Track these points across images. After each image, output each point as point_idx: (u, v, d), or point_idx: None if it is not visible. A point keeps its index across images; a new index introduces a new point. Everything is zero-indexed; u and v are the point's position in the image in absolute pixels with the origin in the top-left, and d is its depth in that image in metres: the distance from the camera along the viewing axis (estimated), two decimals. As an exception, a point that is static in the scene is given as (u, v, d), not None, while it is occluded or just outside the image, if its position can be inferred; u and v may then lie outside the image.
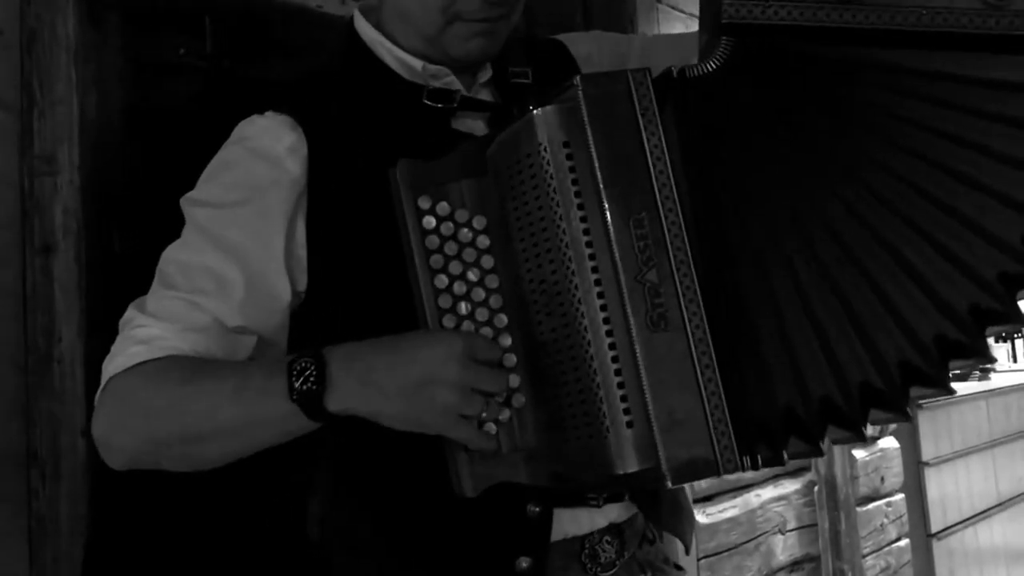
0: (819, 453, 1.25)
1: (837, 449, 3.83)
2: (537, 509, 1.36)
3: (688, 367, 1.16)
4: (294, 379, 1.21)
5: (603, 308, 1.16)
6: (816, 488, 3.78)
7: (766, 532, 3.47)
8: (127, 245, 1.88)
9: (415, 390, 1.19)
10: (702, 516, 3.12)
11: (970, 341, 1.26)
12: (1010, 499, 5.55)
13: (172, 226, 1.40)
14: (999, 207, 1.26)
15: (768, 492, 3.51)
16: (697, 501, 3.11)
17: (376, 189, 1.29)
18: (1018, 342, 7.35)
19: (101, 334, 1.81)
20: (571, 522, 1.40)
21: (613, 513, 1.44)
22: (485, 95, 1.50)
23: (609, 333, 1.17)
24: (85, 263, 1.84)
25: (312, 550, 1.49)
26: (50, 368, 1.84)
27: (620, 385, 1.16)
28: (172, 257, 1.37)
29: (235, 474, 1.96)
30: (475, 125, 1.46)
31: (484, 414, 1.22)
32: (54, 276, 1.85)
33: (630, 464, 1.16)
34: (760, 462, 1.21)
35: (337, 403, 1.21)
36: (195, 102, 2.03)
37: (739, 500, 3.33)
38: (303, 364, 1.21)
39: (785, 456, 1.23)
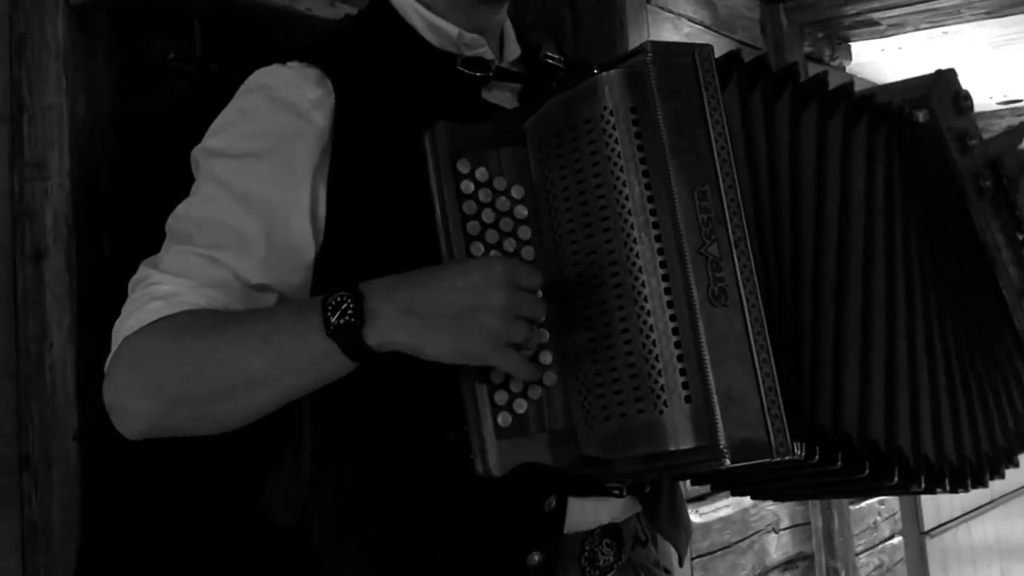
0: (860, 471, 1.24)
1: (829, 448, 3.83)
2: (554, 503, 1.31)
3: (745, 346, 1.12)
4: (330, 314, 1.14)
5: (665, 278, 1.12)
6: (809, 487, 3.78)
7: (759, 531, 3.48)
8: (117, 248, 1.88)
9: (459, 317, 1.12)
10: (695, 515, 3.12)
11: None
12: (1003, 496, 5.56)
13: (161, 228, 1.35)
14: None
15: (761, 491, 3.51)
16: (690, 500, 3.11)
17: (404, 152, 1.25)
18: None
19: (92, 339, 1.82)
20: (579, 514, 1.35)
21: (615, 509, 1.41)
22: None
23: (670, 304, 1.12)
24: (76, 268, 1.84)
25: (288, 541, 1.43)
26: (42, 373, 1.84)
27: (679, 359, 1.11)
28: (185, 213, 1.30)
29: (228, 476, 1.96)
30: (503, 98, 1.43)
31: (529, 343, 1.16)
32: (45, 281, 1.85)
33: (685, 440, 1.11)
34: (817, 453, 1.18)
35: (378, 336, 1.14)
36: (184, 105, 2.03)
37: (732, 499, 3.33)
38: (339, 299, 1.15)
39: (838, 460, 1.21)
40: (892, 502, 4.29)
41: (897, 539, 4.30)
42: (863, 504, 4.03)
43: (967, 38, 5.39)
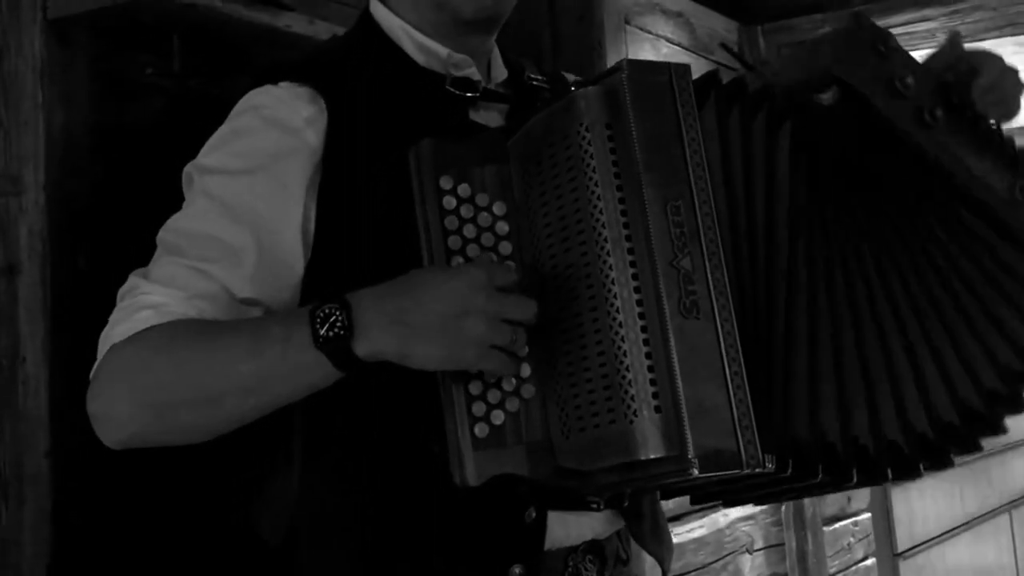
0: (849, 479, 1.27)
1: (804, 468, 3.84)
2: (535, 515, 1.32)
3: (717, 358, 1.14)
4: (318, 326, 1.16)
5: (637, 291, 1.15)
6: (783, 507, 3.79)
7: (734, 552, 3.48)
8: (93, 264, 1.87)
9: (445, 324, 1.15)
10: (670, 536, 3.12)
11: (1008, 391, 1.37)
12: (976, 518, 5.57)
13: (138, 244, 1.37)
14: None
15: (736, 511, 3.51)
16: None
17: (392, 169, 1.27)
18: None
19: (66, 355, 1.81)
20: (561, 529, 1.36)
21: (598, 525, 1.41)
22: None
23: (641, 316, 1.14)
24: (50, 283, 1.83)
25: (272, 555, 1.44)
26: (15, 389, 1.83)
27: (650, 369, 1.13)
28: (176, 226, 1.32)
29: (201, 493, 1.96)
30: (491, 118, 1.45)
31: (514, 345, 1.18)
32: (19, 297, 1.84)
33: (654, 449, 1.12)
34: (790, 467, 1.20)
35: (367, 347, 1.16)
36: (161, 121, 2.02)
37: (706, 520, 3.33)
38: (328, 310, 1.17)
39: (820, 473, 1.24)
40: (866, 523, 4.29)
41: (871, 560, 4.31)
42: (837, 525, 4.04)
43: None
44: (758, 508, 3.65)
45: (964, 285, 1.39)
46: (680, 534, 3.19)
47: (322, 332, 1.16)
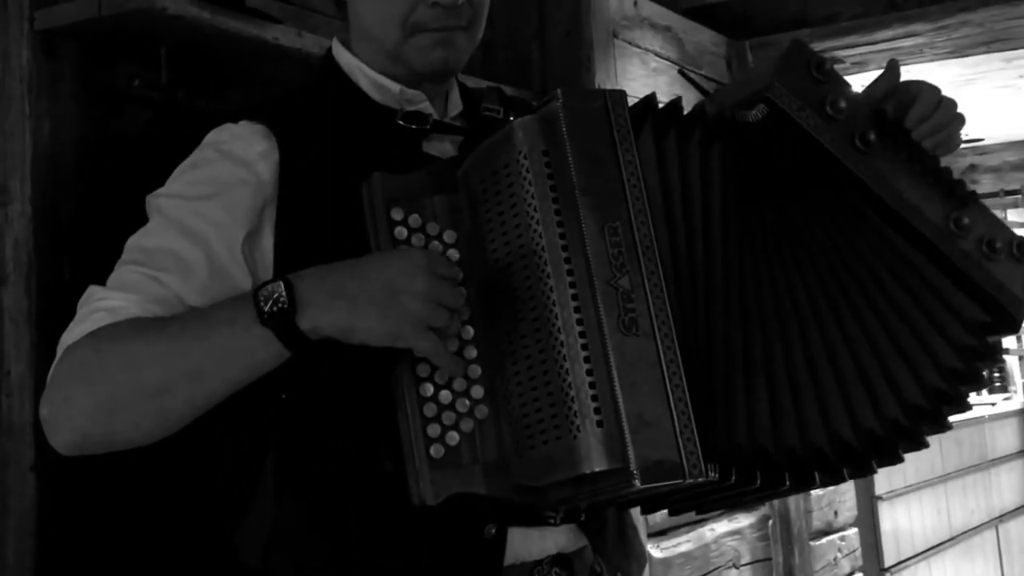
0: (782, 484, 1.31)
1: (791, 483, 3.84)
2: (494, 530, 1.35)
3: (657, 373, 1.19)
4: (263, 304, 1.22)
5: (577, 311, 1.19)
6: (770, 522, 3.79)
7: (720, 567, 3.47)
8: (78, 275, 1.86)
9: (385, 300, 1.21)
10: (656, 551, 3.11)
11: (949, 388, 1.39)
12: (962, 533, 5.59)
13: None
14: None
15: (722, 526, 3.51)
16: (651, 535, 3.11)
17: (346, 203, 1.32)
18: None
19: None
20: (522, 544, 1.40)
21: (563, 539, 1.44)
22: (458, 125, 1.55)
23: (582, 335, 1.19)
24: (36, 295, 1.83)
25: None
26: (-1, 401, 1.82)
27: (591, 385, 1.18)
28: (134, 243, 1.37)
29: (184, 504, 1.95)
30: (445, 150, 1.50)
31: (449, 329, 1.24)
32: (4, 308, 1.83)
33: (598, 462, 1.16)
34: (732, 476, 1.24)
35: (310, 321, 1.22)
36: (148, 133, 2.02)
37: (693, 534, 3.33)
38: (270, 288, 1.22)
39: (758, 479, 1.27)
40: (853, 538, 4.29)
41: (858, 575, 4.31)
42: (824, 540, 4.04)
43: (929, 77, 5.43)
44: (745, 523, 3.64)
45: (893, 309, 1.41)
46: (667, 549, 3.19)
47: (266, 309, 1.21)
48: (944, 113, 1.50)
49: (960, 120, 1.53)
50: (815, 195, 1.43)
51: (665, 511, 1.48)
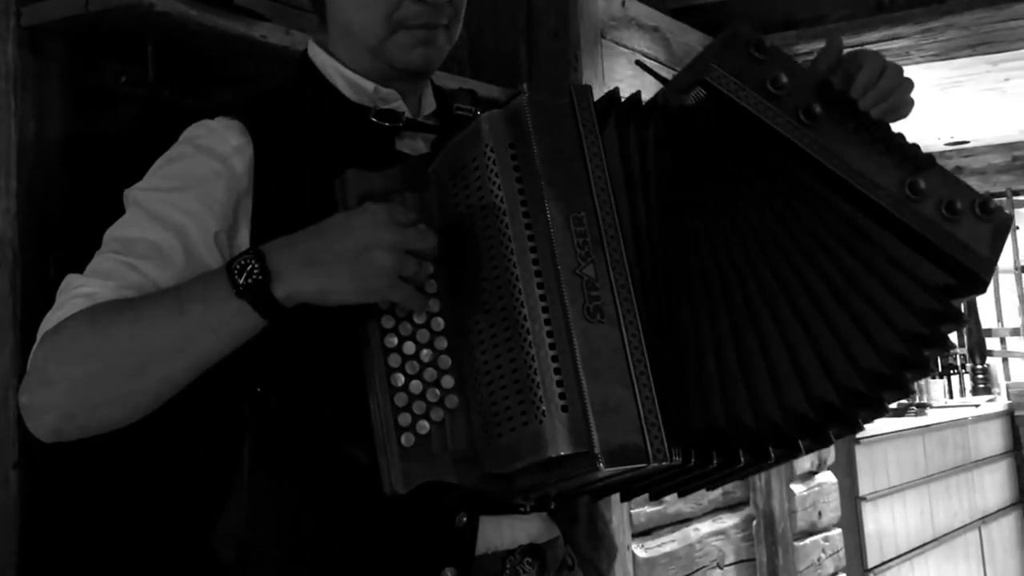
0: (737, 462, 1.31)
1: (775, 483, 3.85)
2: (465, 519, 1.38)
3: (621, 359, 1.22)
4: (236, 276, 1.25)
5: (542, 298, 1.22)
6: (754, 522, 3.80)
7: (704, 567, 3.48)
8: (64, 273, 1.86)
9: (355, 258, 1.23)
10: (640, 550, 3.12)
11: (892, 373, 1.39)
12: (946, 534, 5.60)
13: None
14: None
15: (707, 526, 3.52)
16: (636, 535, 3.11)
17: (320, 198, 1.34)
18: (954, 378, 7.42)
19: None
20: (494, 533, 1.42)
21: (534, 530, 1.47)
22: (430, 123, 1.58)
23: (547, 321, 1.21)
24: (20, 293, 1.82)
25: (223, 571, 1.47)
26: (-18, 400, 1.81)
27: (556, 371, 1.20)
28: (112, 235, 1.39)
29: (170, 500, 1.94)
30: (418, 148, 1.53)
31: (418, 275, 1.26)
32: (-12, 305, 1.82)
33: (563, 446, 1.19)
34: (692, 459, 1.26)
35: (284, 288, 1.25)
36: (134, 130, 2.01)
37: (677, 534, 3.34)
38: (243, 261, 1.26)
39: (714, 460, 1.29)
40: (837, 539, 4.30)
41: (841, 576, 4.32)
42: (808, 541, 4.05)
43: (916, 79, 5.45)
44: (730, 523, 3.65)
45: (846, 279, 1.41)
46: (651, 548, 3.19)
47: (241, 281, 1.25)
48: (890, 79, 1.50)
49: (908, 85, 1.53)
50: (764, 173, 1.44)
51: (649, 510, 1.48)
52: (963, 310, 1.47)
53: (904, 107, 1.53)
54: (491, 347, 1.26)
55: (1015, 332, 7.64)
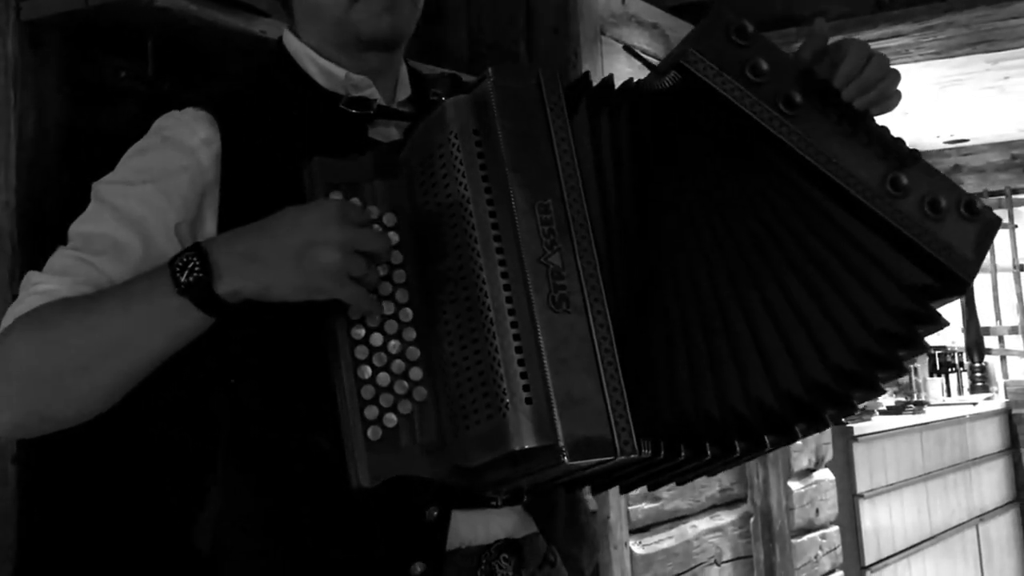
0: (704, 455, 1.28)
1: (773, 480, 3.85)
2: (435, 513, 1.36)
3: (588, 349, 1.18)
4: (178, 274, 1.22)
5: (506, 288, 1.19)
6: (752, 519, 3.80)
7: (702, 563, 3.48)
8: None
9: (300, 255, 1.20)
10: (638, 547, 3.12)
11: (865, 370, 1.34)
12: (943, 532, 5.61)
13: None
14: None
15: (704, 523, 3.52)
16: (633, 532, 3.11)
17: (289, 189, 1.30)
18: (952, 376, 7.43)
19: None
20: (468, 528, 1.41)
21: (509, 524, 1.45)
22: (404, 111, 1.54)
23: (512, 312, 1.18)
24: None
25: (202, 564, 1.46)
26: (-19, 393, 1.81)
27: (520, 363, 1.17)
28: (74, 230, 1.38)
29: (166, 493, 1.95)
30: (390, 135, 1.50)
31: (368, 276, 1.23)
32: (-13, 299, 1.83)
33: (527, 439, 1.15)
34: (661, 451, 1.23)
35: (227, 285, 1.22)
36: (133, 124, 2.01)
37: (675, 531, 3.34)
38: (185, 258, 1.23)
39: (682, 453, 1.26)
40: (834, 536, 4.31)
41: (838, 573, 4.32)
42: (805, 538, 4.05)
43: (915, 78, 5.46)
44: (727, 520, 3.65)
45: (821, 274, 1.37)
46: (648, 545, 3.19)
47: (182, 279, 1.22)
48: (875, 70, 1.43)
49: (894, 77, 1.46)
50: (740, 162, 1.40)
51: (647, 507, 1.46)
52: (963, 309, 1.42)
53: (890, 99, 1.46)
54: (457, 339, 1.23)
55: (1013, 330, 7.65)
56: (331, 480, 1.29)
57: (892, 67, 1.45)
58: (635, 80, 1.43)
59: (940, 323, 1.38)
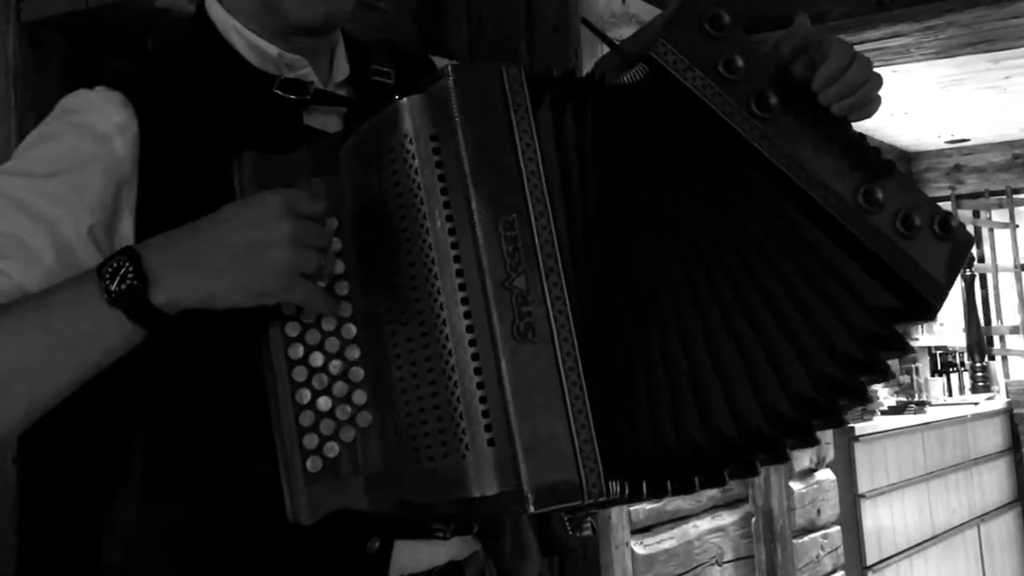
0: (666, 492, 1.17)
1: (774, 480, 3.85)
2: (377, 544, 1.25)
3: (555, 383, 1.06)
4: (108, 282, 1.08)
5: (467, 315, 1.07)
6: (753, 520, 3.80)
7: (703, 563, 3.48)
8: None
9: (245, 257, 1.08)
10: (639, 547, 3.12)
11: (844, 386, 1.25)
12: (944, 532, 5.61)
13: None
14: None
15: (705, 523, 3.52)
16: (635, 532, 3.11)
17: (216, 183, 1.18)
18: (953, 376, 7.43)
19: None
20: (411, 556, 1.30)
21: (454, 549, 1.34)
22: (343, 93, 1.40)
23: (472, 343, 1.06)
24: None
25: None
26: (-19, 393, 1.81)
27: (482, 400, 1.05)
28: None
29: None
30: (329, 122, 1.36)
31: (321, 270, 1.12)
32: (-13, 300, 1.82)
33: (488, 487, 1.05)
34: (627, 492, 1.12)
35: (164, 294, 1.08)
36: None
37: (676, 531, 3.34)
38: (115, 264, 1.09)
39: (644, 490, 1.14)
40: (835, 536, 4.31)
41: (840, 573, 4.32)
42: (806, 538, 4.05)
43: (916, 77, 5.46)
44: (728, 520, 3.66)
45: (786, 293, 1.26)
46: (650, 545, 3.19)
47: (113, 287, 1.08)
48: (856, 73, 1.30)
49: (876, 80, 1.33)
50: (708, 166, 1.28)
51: (648, 507, 1.40)
52: (966, 315, 1.35)
53: (870, 105, 1.33)
54: (408, 364, 1.11)
55: (1015, 330, 7.64)
56: (263, 508, 1.19)
57: (875, 71, 1.33)
58: (599, 71, 1.31)
59: (906, 349, 1.30)
